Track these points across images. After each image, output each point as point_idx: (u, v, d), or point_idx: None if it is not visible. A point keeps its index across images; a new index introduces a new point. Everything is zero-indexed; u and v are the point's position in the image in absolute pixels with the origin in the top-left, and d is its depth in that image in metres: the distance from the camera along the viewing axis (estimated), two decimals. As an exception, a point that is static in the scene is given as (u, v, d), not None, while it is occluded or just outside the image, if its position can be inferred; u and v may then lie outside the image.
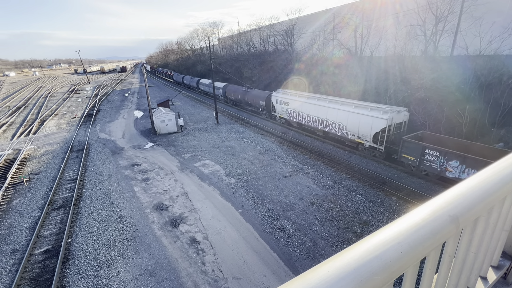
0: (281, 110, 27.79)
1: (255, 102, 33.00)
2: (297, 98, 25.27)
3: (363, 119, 19.06)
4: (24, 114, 40.63)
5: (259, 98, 32.04)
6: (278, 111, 28.54)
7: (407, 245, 0.79)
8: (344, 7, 33.72)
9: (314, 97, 23.85)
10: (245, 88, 35.92)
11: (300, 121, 25.57)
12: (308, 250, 10.82)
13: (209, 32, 74.17)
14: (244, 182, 16.50)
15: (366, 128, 18.95)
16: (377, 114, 18.15)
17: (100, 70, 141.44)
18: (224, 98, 42.99)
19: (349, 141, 20.86)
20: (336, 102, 21.61)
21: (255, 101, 32.94)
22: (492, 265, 1.60)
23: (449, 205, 0.98)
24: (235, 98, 38.45)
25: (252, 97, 33.42)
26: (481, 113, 17.80)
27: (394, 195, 14.47)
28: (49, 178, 18.12)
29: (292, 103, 25.86)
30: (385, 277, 0.72)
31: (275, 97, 28.38)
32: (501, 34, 18.77)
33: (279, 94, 28.10)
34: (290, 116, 26.76)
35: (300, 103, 24.89)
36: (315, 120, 23.56)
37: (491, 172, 1.22)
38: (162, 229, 12.34)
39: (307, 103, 23.98)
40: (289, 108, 26.50)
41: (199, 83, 53.26)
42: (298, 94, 25.93)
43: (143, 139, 26.09)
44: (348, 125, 20.36)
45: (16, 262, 10.77)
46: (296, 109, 25.56)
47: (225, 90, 41.58)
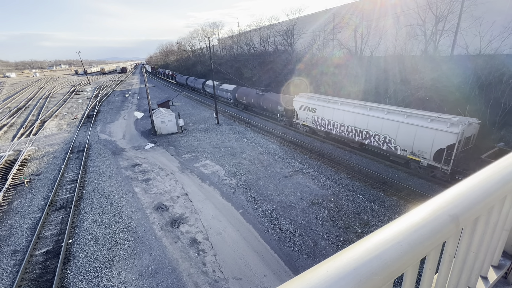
0: (306, 117, 24.35)
1: (272, 107, 29.31)
2: (326, 104, 21.94)
3: (421, 132, 15.64)
4: (24, 115, 40.69)
5: (277, 103, 28.40)
6: (301, 118, 25.04)
7: (407, 245, 0.79)
8: (344, 7, 33.73)
9: (350, 104, 20.28)
10: (259, 91, 32.23)
11: (329, 130, 22.25)
12: (309, 250, 10.81)
13: (209, 32, 74.32)
14: (245, 182, 16.50)
15: (425, 143, 15.60)
16: (442, 127, 14.72)
17: (101, 71, 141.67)
18: (234, 101, 39.48)
19: (397, 156, 17.60)
20: (381, 110, 18.10)
21: (272, 106, 29.23)
22: (493, 264, 1.60)
23: (449, 204, 0.98)
24: (248, 102, 34.94)
25: (268, 102, 29.87)
26: (481, 113, 17.78)
27: (394, 195, 14.46)
28: (50, 179, 18.14)
29: (321, 109, 22.49)
30: (385, 277, 0.72)
31: (298, 102, 24.92)
32: (501, 33, 18.74)
33: (302, 99, 24.52)
34: (316, 124, 23.37)
35: (331, 110, 21.55)
36: (350, 130, 20.19)
37: (491, 171, 1.22)
38: (163, 230, 12.34)
39: (340, 110, 20.63)
40: (316, 116, 23.12)
41: (205, 85, 49.36)
42: (327, 99, 22.41)
43: (144, 139, 26.10)
44: (398, 138, 17.00)
45: (17, 263, 10.77)
46: (325, 116, 22.22)
47: (235, 93, 38.23)
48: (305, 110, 24.24)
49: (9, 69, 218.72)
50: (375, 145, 18.84)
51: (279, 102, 28.10)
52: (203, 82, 50.45)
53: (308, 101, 23.91)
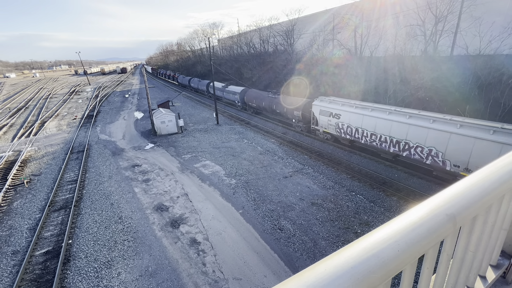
0: (327, 123, 21.87)
1: (287, 111, 26.82)
2: (354, 110, 19.42)
3: (482, 146, 13.12)
4: (24, 115, 40.69)
5: (293, 107, 26.13)
6: (322, 125, 22.52)
7: (404, 244, 0.80)
8: (343, 7, 33.77)
9: (383, 110, 17.70)
10: (271, 94, 29.69)
11: (357, 139, 19.75)
12: (309, 250, 10.82)
13: (209, 33, 74.34)
14: (245, 182, 16.50)
15: (487, 158, 10.32)
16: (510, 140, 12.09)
17: (100, 71, 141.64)
18: (242, 104, 36.63)
19: (445, 172, 14.96)
20: (424, 118, 15.44)
21: (287, 110, 26.78)
22: (491, 264, 1.60)
23: (446, 203, 0.98)
24: (258, 105, 32.33)
25: (282, 106, 27.45)
26: (481, 113, 17.79)
27: (394, 195, 14.46)
28: (50, 180, 18.13)
29: (346, 115, 20.01)
30: (382, 275, 0.73)
31: (318, 107, 22.47)
32: (501, 33, 18.77)
33: (323, 103, 22.11)
34: (341, 132, 20.89)
35: (359, 116, 19.05)
36: (384, 139, 17.70)
37: (488, 170, 1.23)
38: (163, 230, 12.34)
39: (372, 117, 18.20)
40: (340, 122, 20.59)
41: (209, 87, 47.12)
42: (354, 104, 19.80)
43: (144, 140, 26.10)
44: (448, 152, 14.61)
45: (17, 264, 10.77)
46: (352, 123, 19.71)
47: (243, 95, 35.59)
48: (327, 116, 21.75)
49: (9, 70, 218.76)
50: (415, 158, 16.17)
51: (295, 106, 25.74)
52: (207, 83, 47.78)
53: (330, 105, 21.39)
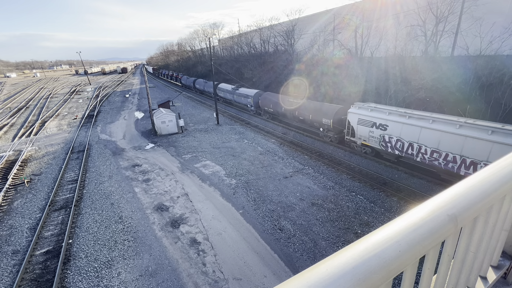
0: (368, 135, 18.64)
1: (313, 119, 23.35)
2: (407, 120, 16.03)
3: None
4: (25, 115, 40.74)
5: (321, 114, 22.42)
6: (360, 135, 19.22)
7: (406, 244, 0.80)
8: (344, 8, 33.77)
9: (452, 122, 14.11)
10: (292, 98, 26.67)
11: (410, 155, 16.37)
12: (309, 250, 10.81)
13: (209, 33, 74.39)
14: (245, 182, 16.50)
15: None
16: None
17: (101, 71, 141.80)
18: (256, 109, 33.11)
19: None
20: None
21: (313, 118, 23.31)
22: (492, 264, 1.60)
23: (448, 204, 0.98)
24: (276, 110, 28.70)
25: (308, 112, 23.95)
26: (481, 114, 17.77)
27: (395, 195, 14.45)
28: (50, 179, 18.15)
29: (396, 127, 16.63)
30: (384, 276, 0.73)
31: (355, 115, 19.14)
32: (502, 34, 18.77)
33: (363, 110, 18.75)
34: (386, 146, 17.55)
35: (415, 129, 15.60)
36: (451, 159, 14.18)
37: (490, 171, 1.23)
38: (163, 230, 12.35)
39: (434, 131, 14.73)
40: (387, 135, 17.29)
41: (217, 88, 42.17)
42: (406, 113, 16.26)
43: (144, 140, 26.12)
44: None
45: (17, 263, 10.78)
46: (404, 137, 16.34)
47: (258, 99, 32.04)
48: (368, 126, 18.41)
49: (9, 69, 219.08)
50: None
51: (324, 113, 22.22)
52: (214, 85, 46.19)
53: (373, 114, 18.08)
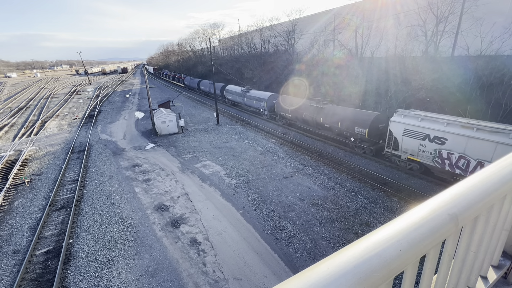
0: (417, 149, 15.85)
1: (342, 127, 20.61)
2: (474, 134, 13.15)
3: None
4: (25, 115, 40.77)
5: (354, 121, 19.64)
6: (406, 149, 16.54)
7: (406, 243, 0.80)
8: (344, 8, 33.77)
9: None
10: (314, 103, 23.68)
11: None
12: (309, 251, 10.81)
13: (209, 33, 74.41)
14: (245, 182, 16.50)
15: None
16: None
17: (101, 71, 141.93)
18: (270, 114, 30.75)
19: None
20: None
21: (342, 126, 20.57)
22: (493, 264, 1.60)
23: (448, 203, 0.98)
24: (295, 116, 26.20)
25: (336, 119, 21.11)
26: (482, 114, 17.77)
27: (395, 195, 14.44)
28: (51, 179, 18.16)
29: (459, 141, 13.79)
30: (384, 275, 0.73)
31: (400, 125, 16.56)
32: (502, 34, 18.75)
33: (410, 119, 16.07)
34: (444, 163, 14.82)
35: (489, 145, 12.67)
36: None
37: (490, 171, 1.23)
38: (163, 230, 12.35)
39: None
40: (445, 149, 14.52)
41: (225, 90, 40.79)
42: (472, 124, 13.44)
43: (144, 140, 26.13)
44: None
45: (18, 263, 10.79)
46: (470, 154, 13.46)
47: (272, 102, 29.46)
48: (418, 139, 15.71)
49: (10, 69, 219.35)
50: None
51: (357, 121, 19.53)
52: (222, 86, 41.90)
53: (424, 124, 15.29)
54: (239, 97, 36.73)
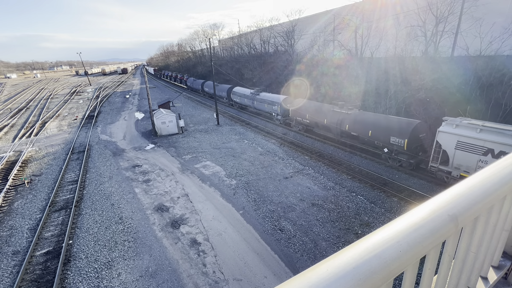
0: (476, 165, 13.72)
1: (374, 136, 18.37)
2: None
3: None
4: (25, 116, 40.76)
5: (389, 130, 17.41)
6: (460, 164, 14.42)
7: (406, 244, 0.80)
8: (344, 8, 33.79)
9: None
10: (338, 108, 21.07)
11: None
12: (309, 251, 10.80)
13: (209, 33, 74.46)
14: (245, 183, 16.50)
15: None
16: None
17: (101, 72, 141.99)
18: (283, 118, 28.34)
19: None
20: None
21: (375, 134, 18.31)
22: (493, 265, 1.60)
23: (448, 204, 0.98)
24: (314, 122, 23.62)
25: (365, 127, 18.97)
26: (482, 114, 17.77)
27: (395, 196, 14.44)
28: (50, 180, 18.15)
29: None
30: (384, 276, 0.73)
31: (452, 136, 14.47)
32: (502, 34, 18.77)
33: (465, 130, 14.03)
34: None
35: None
36: None
37: (490, 171, 1.23)
38: (163, 231, 12.34)
39: None
40: None
41: (232, 93, 38.47)
42: None
43: (144, 140, 26.13)
44: None
45: (17, 264, 10.78)
46: None
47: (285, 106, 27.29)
48: (478, 154, 13.49)
49: (10, 70, 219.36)
50: None
51: (393, 130, 17.21)
52: (228, 88, 39.83)
53: (486, 136, 13.12)
54: (248, 100, 34.14)
